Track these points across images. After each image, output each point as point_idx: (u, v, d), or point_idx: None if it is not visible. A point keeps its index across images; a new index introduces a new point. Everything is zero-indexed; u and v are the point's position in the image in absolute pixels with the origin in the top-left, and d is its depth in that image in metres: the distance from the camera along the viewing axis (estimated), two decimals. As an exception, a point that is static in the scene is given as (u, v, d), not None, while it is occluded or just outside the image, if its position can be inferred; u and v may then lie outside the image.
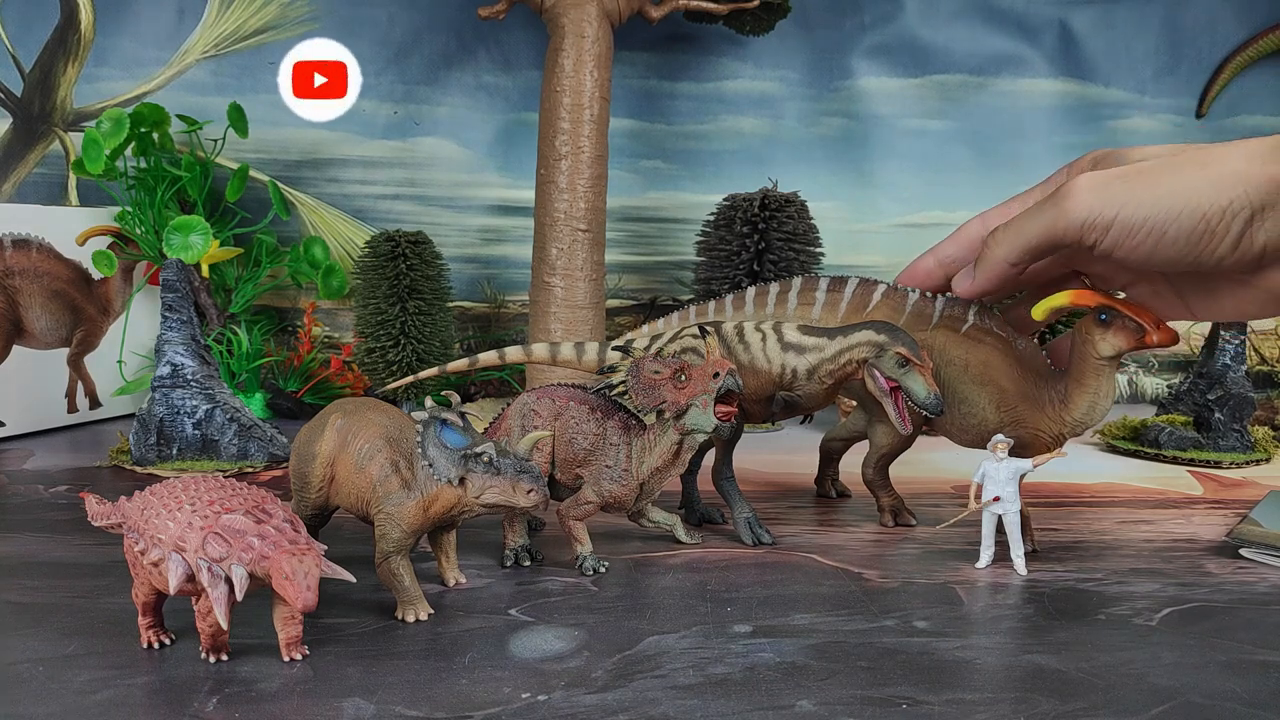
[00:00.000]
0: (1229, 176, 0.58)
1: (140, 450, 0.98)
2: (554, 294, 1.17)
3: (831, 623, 0.62)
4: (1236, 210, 0.58)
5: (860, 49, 1.45)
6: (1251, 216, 0.58)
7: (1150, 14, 1.44)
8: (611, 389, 0.70)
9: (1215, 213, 0.59)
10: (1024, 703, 0.51)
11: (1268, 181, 0.57)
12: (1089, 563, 0.74)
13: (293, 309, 1.43)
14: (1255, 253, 0.60)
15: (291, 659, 0.55)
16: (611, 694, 0.51)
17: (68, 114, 1.41)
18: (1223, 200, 0.58)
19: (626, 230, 1.47)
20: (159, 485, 0.56)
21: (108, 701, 0.50)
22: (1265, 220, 0.58)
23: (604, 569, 0.71)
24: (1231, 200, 0.58)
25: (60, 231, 1.17)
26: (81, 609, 0.62)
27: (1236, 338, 1.10)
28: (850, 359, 0.73)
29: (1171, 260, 0.61)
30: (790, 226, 1.21)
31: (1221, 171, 0.58)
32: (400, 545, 0.61)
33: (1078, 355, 0.72)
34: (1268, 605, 0.66)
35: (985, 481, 0.71)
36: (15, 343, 1.15)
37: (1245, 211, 0.58)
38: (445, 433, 0.60)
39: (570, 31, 1.14)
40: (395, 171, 1.45)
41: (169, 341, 0.99)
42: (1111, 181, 0.62)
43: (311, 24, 1.41)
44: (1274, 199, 0.57)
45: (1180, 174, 0.60)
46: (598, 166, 1.16)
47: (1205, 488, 0.98)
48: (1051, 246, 0.65)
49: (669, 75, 1.46)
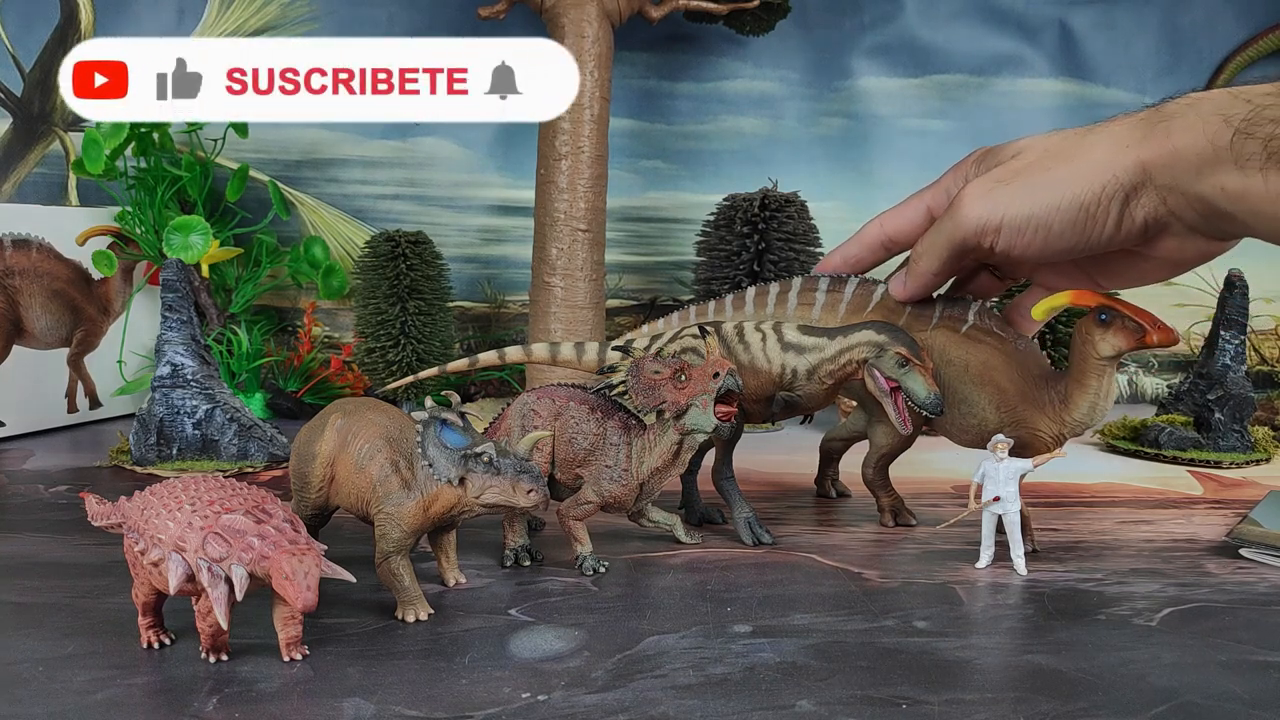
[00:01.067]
0: (1098, 164, 0.63)
1: (140, 450, 0.98)
2: (554, 294, 1.17)
3: (831, 623, 0.62)
4: (1111, 194, 0.63)
5: (860, 49, 1.45)
6: (1126, 198, 0.63)
7: (1150, 14, 1.44)
8: (611, 389, 0.70)
9: (1091, 200, 0.63)
10: (1024, 703, 0.51)
11: (1133, 164, 0.62)
12: (1089, 563, 0.74)
13: (293, 309, 1.43)
14: (1138, 228, 0.64)
15: (291, 659, 0.55)
16: (611, 694, 0.51)
17: (68, 114, 1.41)
18: (1095, 187, 0.63)
19: (626, 230, 1.47)
20: (159, 485, 0.56)
21: (108, 701, 0.50)
22: (1140, 198, 0.63)
23: (604, 569, 0.71)
24: (1104, 186, 0.63)
25: (60, 231, 1.17)
26: (81, 609, 0.62)
27: (1236, 338, 1.09)
28: (850, 359, 0.73)
29: (1063, 250, 0.66)
30: (790, 226, 1.21)
31: (1091, 161, 0.63)
32: (400, 545, 0.61)
33: (1078, 355, 0.72)
34: (1268, 605, 0.66)
35: (985, 481, 0.71)
36: (15, 343, 1.15)
37: (1120, 194, 0.63)
38: (445, 433, 0.60)
39: (570, 31, 1.14)
40: (395, 171, 1.45)
41: (169, 341, 0.99)
42: (993, 187, 0.67)
43: (311, 24, 1.41)
44: (1142, 179, 0.62)
45: (1053, 170, 0.64)
46: (598, 166, 1.16)
47: (1205, 488, 0.98)
48: (961, 253, 0.71)
49: (669, 75, 1.46)
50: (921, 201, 0.76)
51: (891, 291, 0.78)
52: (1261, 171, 0.57)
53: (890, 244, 0.78)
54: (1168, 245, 0.66)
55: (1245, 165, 0.57)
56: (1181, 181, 0.61)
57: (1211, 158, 0.59)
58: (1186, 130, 0.60)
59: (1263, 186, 0.57)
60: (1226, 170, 0.58)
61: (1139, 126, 0.62)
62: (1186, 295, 1.44)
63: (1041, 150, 0.66)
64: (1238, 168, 0.58)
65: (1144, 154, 0.61)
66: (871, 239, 0.78)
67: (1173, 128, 0.60)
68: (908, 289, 0.77)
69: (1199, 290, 1.43)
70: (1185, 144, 0.60)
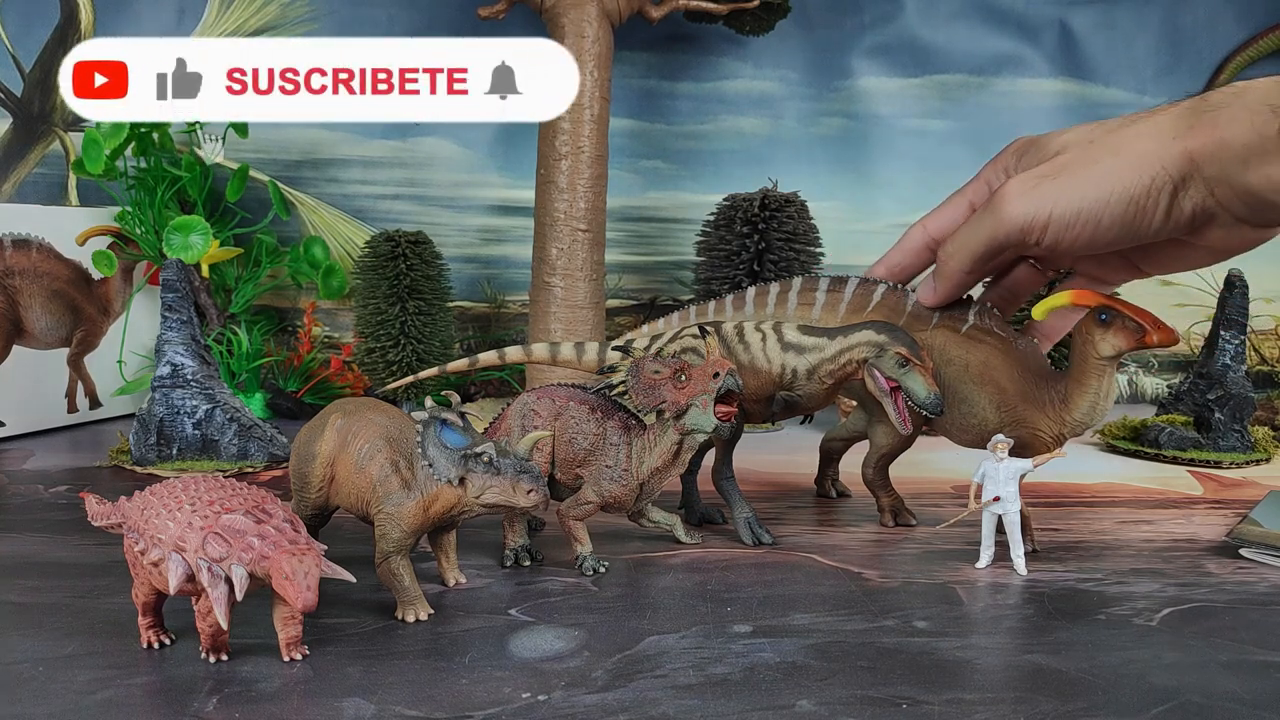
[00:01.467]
0: (1145, 156, 0.62)
1: (140, 450, 0.98)
2: (554, 294, 1.17)
3: (831, 623, 0.62)
4: (1160, 186, 0.62)
5: (860, 49, 1.45)
6: (1175, 190, 0.62)
7: (1150, 14, 1.44)
8: (611, 389, 0.70)
9: (1141, 192, 0.63)
10: (1024, 703, 0.51)
11: (1180, 155, 0.61)
12: (1089, 563, 0.74)
13: (293, 309, 1.43)
14: (1186, 218, 0.64)
15: (291, 659, 0.55)
16: (611, 694, 0.51)
17: (68, 114, 1.41)
18: (1145, 180, 0.62)
19: (626, 230, 1.47)
20: (159, 485, 0.56)
21: (108, 701, 0.50)
22: (1188, 189, 0.62)
23: (604, 569, 0.71)
24: (1153, 178, 0.62)
25: (60, 231, 1.17)
26: (81, 609, 0.62)
27: (1236, 338, 1.09)
28: (850, 359, 0.73)
29: (1112, 241, 0.66)
30: (790, 226, 1.21)
31: (1138, 153, 0.62)
32: (400, 545, 0.61)
33: (1078, 355, 0.72)
34: (1268, 605, 0.66)
35: (985, 481, 0.71)
36: (15, 343, 1.15)
37: (1168, 186, 0.62)
38: (445, 433, 0.60)
39: (570, 31, 1.14)
40: (395, 171, 1.45)
41: (169, 341, 0.99)
42: (1040, 183, 0.66)
43: (311, 24, 1.41)
44: (1190, 170, 0.61)
45: (1100, 164, 0.64)
46: (598, 166, 1.16)
47: (1205, 488, 0.98)
48: (998, 251, 0.70)
49: (669, 75, 1.46)
50: (964, 198, 0.74)
51: (921, 299, 0.76)
52: None
53: (935, 245, 0.76)
54: (1215, 234, 0.65)
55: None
56: (1229, 172, 0.60)
57: (1259, 148, 0.58)
58: (1233, 121, 0.59)
59: None
60: (1274, 161, 0.58)
61: (1185, 116, 0.62)
62: (1186, 295, 1.44)
63: (1086, 142, 0.65)
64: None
65: (1191, 144, 0.61)
66: (916, 243, 0.77)
67: (1219, 118, 0.60)
68: (939, 293, 0.75)
69: (1199, 290, 1.43)
70: (1232, 134, 0.59)
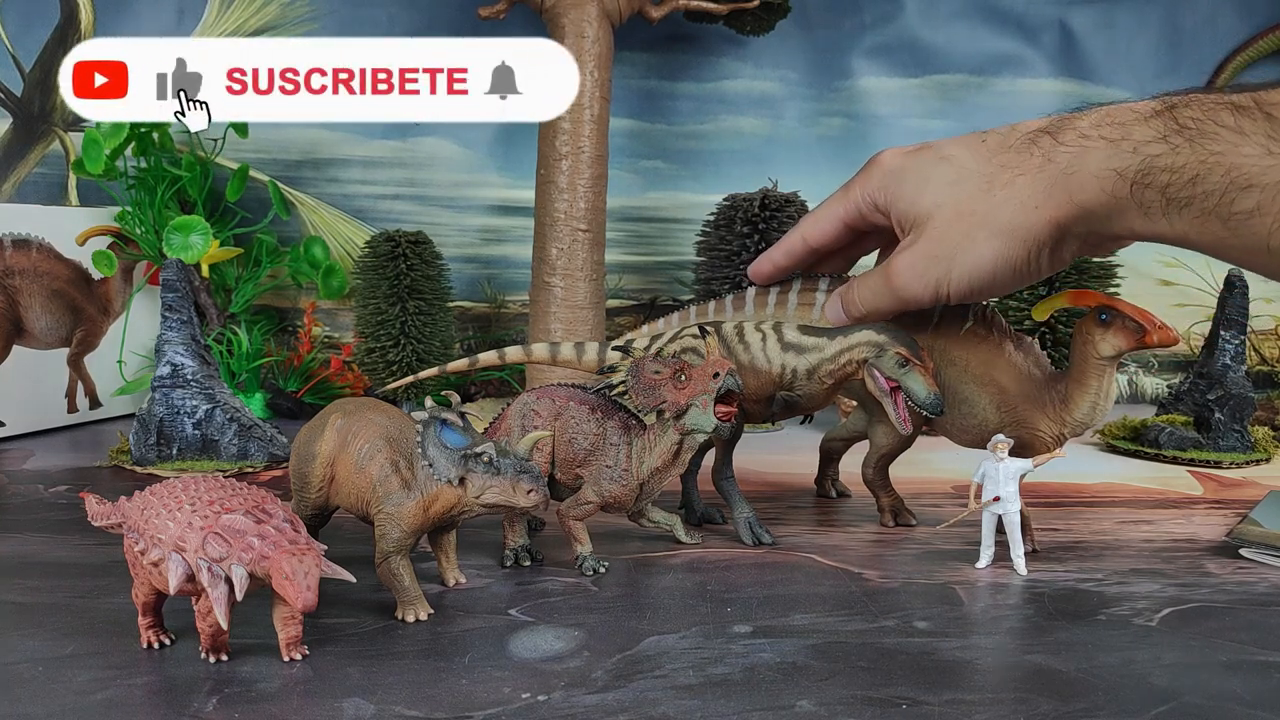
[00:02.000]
0: (1017, 231, 0.65)
1: (140, 450, 0.98)
2: (554, 294, 1.16)
3: (831, 623, 0.62)
4: (1038, 251, 0.66)
5: (860, 49, 1.45)
6: (1052, 249, 0.66)
7: (1150, 14, 1.44)
8: (611, 389, 0.70)
9: (1022, 262, 0.66)
10: (1024, 703, 0.51)
11: (1049, 224, 0.65)
12: (1089, 563, 0.74)
13: (293, 309, 1.43)
14: (1067, 261, 0.69)
15: (291, 659, 0.55)
16: (611, 694, 0.51)
17: (68, 114, 1.41)
18: (1022, 252, 0.66)
19: (626, 230, 1.47)
20: (159, 485, 0.56)
21: (108, 701, 0.50)
22: (1064, 245, 0.67)
23: (604, 569, 0.71)
24: (1028, 248, 0.66)
25: (60, 231, 1.17)
26: (81, 609, 0.62)
27: (1236, 338, 1.09)
28: (850, 359, 0.73)
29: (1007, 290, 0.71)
30: (790, 226, 1.21)
31: (1009, 228, 0.66)
32: (400, 545, 0.61)
33: (1078, 355, 0.72)
34: (1268, 605, 0.66)
35: (985, 481, 0.71)
36: (15, 343, 1.15)
37: (1045, 249, 0.66)
38: (445, 433, 0.60)
39: (570, 31, 1.14)
40: (395, 171, 1.45)
41: (169, 341, 0.99)
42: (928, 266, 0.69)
43: (311, 24, 1.41)
44: (1060, 234, 0.65)
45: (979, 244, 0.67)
46: (598, 166, 1.16)
47: (1205, 488, 0.98)
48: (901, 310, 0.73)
49: (669, 75, 1.46)
50: (835, 215, 0.76)
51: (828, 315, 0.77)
52: (1165, 216, 0.60)
53: (816, 254, 0.79)
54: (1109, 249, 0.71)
55: (1149, 212, 0.60)
56: (1097, 228, 0.64)
57: (1116, 208, 0.62)
58: (1083, 189, 0.62)
59: (1170, 229, 0.60)
60: (1134, 216, 0.61)
61: (1039, 183, 0.64)
62: (1186, 295, 1.44)
63: (953, 213, 0.68)
64: (1142, 214, 0.61)
65: (1054, 214, 0.64)
66: (799, 251, 0.79)
67: (1070, 185, 0.63)
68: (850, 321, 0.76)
69: (1199, 290, 1.43)
70: (1088, 200, 0.63)
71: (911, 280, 0.70)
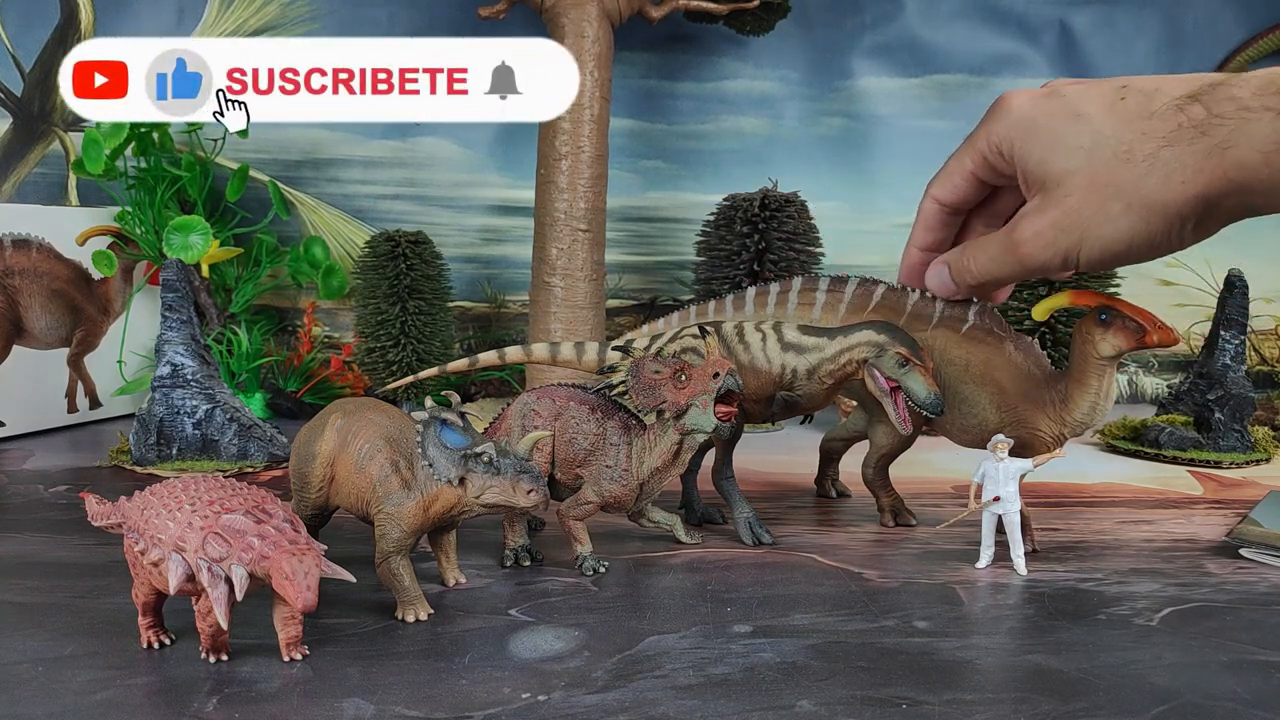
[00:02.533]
0: (1157, 207, 0.61)
1: (140, 450, 0.98)
2: (554, 294, 1.16)
3: (831, 623, 0.62)
4: (1179, 227, 0.62)
5: (860, 49, 1.45)
6: (1198, 223, 0.62)
7: (1150, 14, 1.44)
8: (611, 389, 0.70)
9: (1162, 239, 0.63)
10: (1024, 703, 0.51)
11: (1196, 200, 0.60)
12: (1089, 563, 0.74)
13: (293, 309, 1.43)
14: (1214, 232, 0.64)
15: (291, 659, 0.55)
16: (611, 694, 0.51)
17: (68, 114, 1.41)
18: (1164, 227, 0.62)
19: (626, 230, 1.47)
20: (159, 485, 0.56)
21: (108, 701, 0.50)
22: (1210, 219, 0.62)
23: (604, 569, 0.71)
24: (1170, 225, 0.62)
25: (60, 231, 1.16)
26: (81, 609, 0.62)
27: (1236, 338, 1.09)
28: (850, 359, 0.73)
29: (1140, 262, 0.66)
30: (790, 226, 1.21)
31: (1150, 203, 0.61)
32: (400, 545, 0.61)
33: (1078, 355, 0.72)
34: (1268, 605, 0.66)
35: (985, 481, 0.71)
36: (15, 343, 1.15)
37: (1189, 222, 0.62)
38: (445, 433, 0.60)
39: (570, 31, 1.14)
40: (395, 171, 1.45)
41: (169, 341, 0.99)
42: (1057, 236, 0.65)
43: (311, 24, 1.41)
44: (1208, 209, 0.61)
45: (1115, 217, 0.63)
46: (598, 166, 1.16)
47: (1205, 488, 0.98)
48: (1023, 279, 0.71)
49: (669, 75, 1.46)
50: (963, 167, 0.73)
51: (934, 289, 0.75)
52: None
53: (953, 215, 0.75)
54: None
55: None
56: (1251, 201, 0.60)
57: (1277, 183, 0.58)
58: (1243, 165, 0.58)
59: None
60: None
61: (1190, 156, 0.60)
62: (1186, 295, 1.44)
63: (1087, 181, 0.64)
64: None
65: (1204, 189, 0.60)
66: (933, 216, 0.75)
67: (1227, 160, 0.58)
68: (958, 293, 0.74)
69: (1199, 290, 1.43)
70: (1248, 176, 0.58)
71: (1039, 250, 0.66)
